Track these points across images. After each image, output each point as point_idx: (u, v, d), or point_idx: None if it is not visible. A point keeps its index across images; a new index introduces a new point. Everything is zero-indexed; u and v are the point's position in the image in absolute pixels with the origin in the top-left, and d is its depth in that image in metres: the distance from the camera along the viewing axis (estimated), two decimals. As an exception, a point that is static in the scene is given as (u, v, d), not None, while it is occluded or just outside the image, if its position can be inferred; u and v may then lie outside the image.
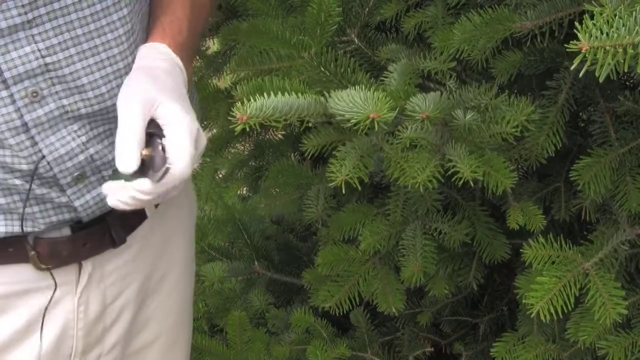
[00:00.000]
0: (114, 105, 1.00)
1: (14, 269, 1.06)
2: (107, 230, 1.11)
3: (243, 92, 1.01)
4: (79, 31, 0.98)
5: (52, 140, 1.00)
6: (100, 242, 1.11)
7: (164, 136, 0.95)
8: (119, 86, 1.02)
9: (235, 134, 1.20)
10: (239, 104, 0.96)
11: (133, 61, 1.04)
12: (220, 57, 1.86)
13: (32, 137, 0.98)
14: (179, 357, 1.34)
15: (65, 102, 0.99)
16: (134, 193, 0.94)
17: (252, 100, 0.97)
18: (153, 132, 0.96)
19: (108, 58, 1.01)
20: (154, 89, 0.98)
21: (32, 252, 1.06)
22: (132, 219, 1.14)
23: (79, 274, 1.11)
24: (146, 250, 1.19)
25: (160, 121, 0.96)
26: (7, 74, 0.94)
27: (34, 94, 0.96)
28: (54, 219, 1.05)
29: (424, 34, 1.28)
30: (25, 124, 0.97)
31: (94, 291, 1.12)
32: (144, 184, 0.94)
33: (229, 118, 0.99)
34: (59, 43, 0.96)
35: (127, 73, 1.03)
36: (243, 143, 2.06)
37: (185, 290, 1.32)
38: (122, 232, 1.13)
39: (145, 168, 0.95)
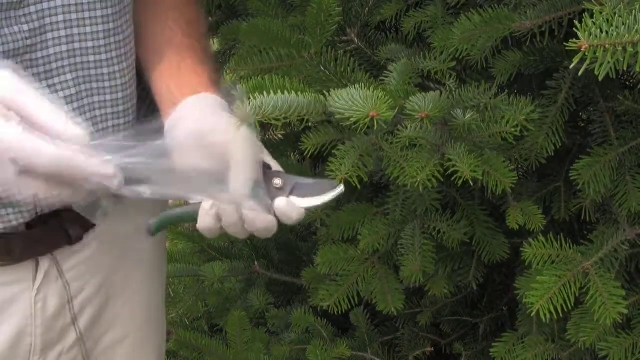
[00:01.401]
0: (76, 95, 1.01)
1: None
2: (62, 227, 1.08)
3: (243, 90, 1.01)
4: (60, 17, 0.98)
5: None
6: (55, 239, 1.09)
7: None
8: (84, 76, 1.02)
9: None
10: (238, 103, 0.96)
11: (104, 58, 1.03)
12: (220, 57, 1.86)
13: None
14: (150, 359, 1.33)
15: (36, 86, 0.97)
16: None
17: (251, 98, 0.97)
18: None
19: (80, 49, 1.01)
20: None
21: None
22: None
23: (36, 270, 1.09)
24: (106, 247, 1.16)
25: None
26: None
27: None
28: (11, 217, 1.03)
29: (424, 34, 1.28)
30: None
31: (51, 288, 1.10)
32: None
33: (228, 117, 0.98)
34: (40, 27, 0.97)
35: (95, 68, 1.02)
36: (243, 143, 2.05)
37: (154, 290, 1.30)
38: (79, 229, 1.10)
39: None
